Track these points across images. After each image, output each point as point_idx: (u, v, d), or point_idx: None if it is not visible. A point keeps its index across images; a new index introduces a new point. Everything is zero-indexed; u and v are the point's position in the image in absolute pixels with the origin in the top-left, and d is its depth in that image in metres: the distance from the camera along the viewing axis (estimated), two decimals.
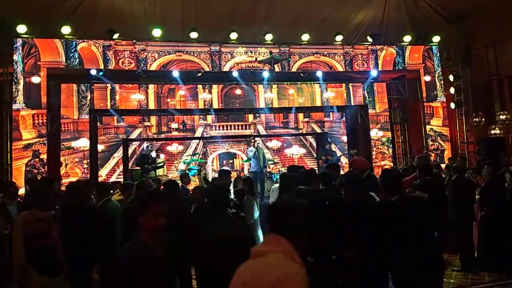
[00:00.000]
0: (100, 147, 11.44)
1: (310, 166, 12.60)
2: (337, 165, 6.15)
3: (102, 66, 10.50)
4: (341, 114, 13.42)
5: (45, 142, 9.52)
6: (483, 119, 11.16)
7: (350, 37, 11.72)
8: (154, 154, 10.69)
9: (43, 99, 9.65)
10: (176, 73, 10.55)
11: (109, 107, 11.29)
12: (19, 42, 9.59)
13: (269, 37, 10.93)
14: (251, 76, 11.40)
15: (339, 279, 2.92)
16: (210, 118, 13.09)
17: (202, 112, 12.47)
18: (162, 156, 11.03)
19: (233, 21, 10.64)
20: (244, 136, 13.32)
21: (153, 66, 11.04)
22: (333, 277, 2.90)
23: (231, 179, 6.90)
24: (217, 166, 13.57)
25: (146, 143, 11.35)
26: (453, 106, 11.80)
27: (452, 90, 11.80)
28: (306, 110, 13.38)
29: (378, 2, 11.02)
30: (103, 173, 11.61)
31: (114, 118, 12.11)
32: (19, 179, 8.85)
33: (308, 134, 14.06)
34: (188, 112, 12.56)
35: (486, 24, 11.06)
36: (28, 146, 9.37)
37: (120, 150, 11.85)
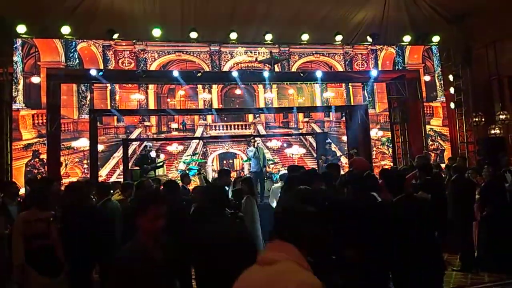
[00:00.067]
0: (100, 147, 11.44)
1: (310, 166, 12.61)
2: (337, 165, 6.14)
3: (102, 66, 10.50)
4: (341, 114, 13.43)
5: (45, 142, 9.52)
6: (483, 119, 11.16)
7: (349, 36, 11.74)
8: (154, 154, 10.70)
9: (43, 99, 9.65)
10: (176, 73, 10.55)
11: (109, 107, 11.29)
12: (19, 42, 9.58)
13: (268, 37, 10.94)
14: (251, 76, 11.40)
15: (339, 279, 2.92)
16: (210, 118, 13.10)
17: (203, 112, 12.47)
18: (162, 156, 11.04)
19: (232, 20, 10.65)
20: (244, 136, 13.33)
21: (153, 66, 11.05)
22: (333, 277, 2.90)
23: (231, 179, 6.89)
24: (217, 166, 13.56)
25: (145, 143, 11.35)
26: (453, 106, 11.80)
27: (452, 90, 11.80)
28: (306, 110, 13.38)
29: (378, 1, 11.01)
30: (103, 173, 11.62)
31: (114, 118, 12.12)
32: (19, 179, 8.84)
33: (308, 134, 14.05)
34: (188, 112, 12.56)
35: (486, 24, 11.06)
36: (28, 146, 9.37)
37: (120, 150, 11.84)
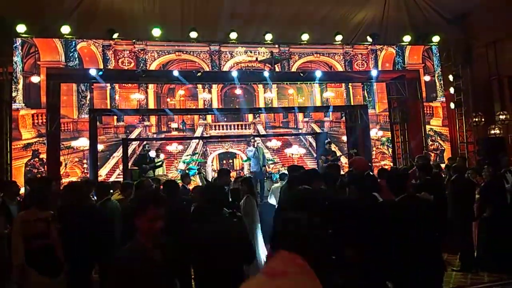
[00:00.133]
0: (99, 147, 11.43)
1: (310, 166, 12.61)
2: (337, 165, 6.14)
3: (101, 66, 10.49)
4: (341, 114, 13.43)
5: (44, 141, 9.51)
6: (483, 119, 11.16)
7: (349, 36, 11.73)
8: (154, 154, 10.70)
9: (43, 99, 9.63)
10: (176, 72, 10.54)
11: (108, 107, 11.28)
12: (19, 41, 9.56)
13: (268, 36, 10.93)
14: (251, 76, 11.39)
15: (339, 279, 2.92)
16: (210, 118, 13.09)
17: (203, 112, 12.46)
18: (162, 156, 11.04)
19: (232, 20, 10.64)
20: (244, 136, 13.32)
21: (152, 66, 11.04)
22: (333, 277, 2.89)
23: (231, 179, 6.89)
24: (217, 166, 13.56)
25: (144, 143, 11.34)
26: (452, 106, 11.80)
27: (451, 90, 11.80)
28: (306, 110, 13.38)
29: (378, 1, 11.02)
30: (103, 172, 11.61)
31: (114, 117, 12.10)
32: (19, 179, 8.80)
33: (308, 134, 14.04)
34: (188, 112, 12.55)
35: (486, 24, 11.07)
36: (27, 146, 9.36)
37: (119, 149, 11.83)
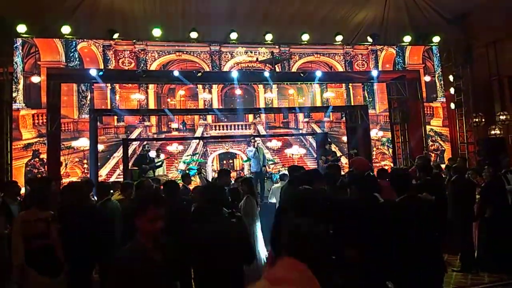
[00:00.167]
0: (100, 147, 11.43)
1: (310, 166, 12.61)
2: (337, 165, 6.14)
3: (102, 66, 10.49)
4: (341, 114, 13.42)
5: (45, 141, 9.51)
6: (483, 120, 11.16)
7: (350, 37, 11.73)
8: (154, 154, 10.69)
9: (43, 99, 9.63)
10: (176, 72, 10.54)
11: (109, 107, 11.29)
12: (19, 41, 9.57)
13: (269, 37, 10.94)
14: (251, 76, 11.39)
15: (339, 279, 2.91)
16: (210, 118, 13.10)
17: (203, 112, 12.46)
18: (162, 156, 11.04)
19: (232, 20, 10.65)
20: (244, 136, 13.32)
21: (153, 66, 11.04)
22: (333, 277, 2.89)
23: (231, 179, 6.89)
24: (217, 166, 13.56)
25: (144, 143, 11.34)
26: (453, 106, 11.80)
27: (452, 91, 11.80)
28: (306, 110, 13.37)
29: (378, 2, 11.01)
30: (103, 173, 11.62)
31: (114, 118, 12.11)
32: (19, 179, 8.79)
33: (308, 134, 14.04)
34: (188, 112, 12.55)
35: (486, 24, 11.06)
36: (28, 146, 9.36)
37: (120, 150, 11.83)
